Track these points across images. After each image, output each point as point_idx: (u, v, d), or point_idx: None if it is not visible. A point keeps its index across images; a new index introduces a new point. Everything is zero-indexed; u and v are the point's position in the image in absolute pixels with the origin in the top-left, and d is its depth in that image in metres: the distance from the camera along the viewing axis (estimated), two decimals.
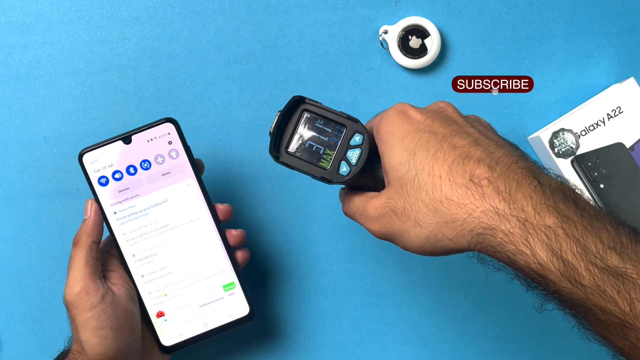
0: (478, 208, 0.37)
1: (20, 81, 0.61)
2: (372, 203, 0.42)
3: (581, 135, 0.57)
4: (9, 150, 0.61)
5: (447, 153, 0.39)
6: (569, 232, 0.35)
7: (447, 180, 0.38)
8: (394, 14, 0.62)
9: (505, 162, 0.38)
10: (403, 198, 0.40)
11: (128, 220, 0.53)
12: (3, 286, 0.60)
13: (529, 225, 0.36)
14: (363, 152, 0.44)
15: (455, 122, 0.42)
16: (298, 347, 0.61)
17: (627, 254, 0.35)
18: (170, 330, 0.53)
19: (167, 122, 0.52)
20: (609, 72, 0.62)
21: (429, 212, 0.38)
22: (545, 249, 0.35)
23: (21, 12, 0.61)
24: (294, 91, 0.62)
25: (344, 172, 0.44)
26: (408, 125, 0.41)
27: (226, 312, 0.54)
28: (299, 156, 0.45)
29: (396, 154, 0.41)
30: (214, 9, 0.62)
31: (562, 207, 0.36)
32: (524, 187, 0.37)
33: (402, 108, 0.43)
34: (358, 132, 0.44)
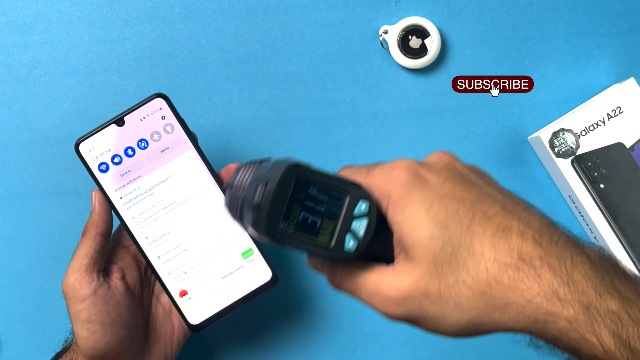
0: (538, 293, 0.33)
1: (20, 81, 0.61)
2: (392, 282, 0.36)
3: (581, 135, 0.57)
4: (9, 150, 0.61)
5: (482, 224, 0.35)
6: (633, 315, 0.33)
7: (493, 259, 0.34)
8: (394, 14, 0.62)
9: (547, 234, 0.35)
10: (438, 279, 0.35)
11: (135, 203, 0.52)
12: (3, 286, 0.61)
13: (594, 310, 0.33)
14: (371, 222, 0.37)
15: (473, 183, 0.38)
16: (298, 347, 0.61)
17: None
18: (196, 308, 0.53)
19: (157, 97, 0.52)
20: (609, 72, 0.62)
21: (473, 295, 0.34)
22: (612, 336, 0.33)
23: (21, 12, 0.61)
24: (294, 91, 0.61)
25: (351, 248, 0.37)
26: (428, 191, 0.36)
27: (249, 280, 0.53)
28: (294, 232, 0.37)
29: (423, 226, 0.35)
30: (214, 9, 0.62)
31: (620, 287, 0.34)
32: (579, 264, 0.34)
33: (413, 168, 0.37)
34: (363, 199, 0.37)
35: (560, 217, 0.61)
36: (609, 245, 0.57)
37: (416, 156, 0.61)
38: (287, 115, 0.61)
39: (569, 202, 0.61)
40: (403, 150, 0.62)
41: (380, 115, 0.62)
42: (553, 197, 0.61)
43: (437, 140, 0.61)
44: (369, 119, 0.61)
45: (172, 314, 0.54)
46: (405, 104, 0.62)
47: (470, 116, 0.62)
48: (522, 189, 0.61)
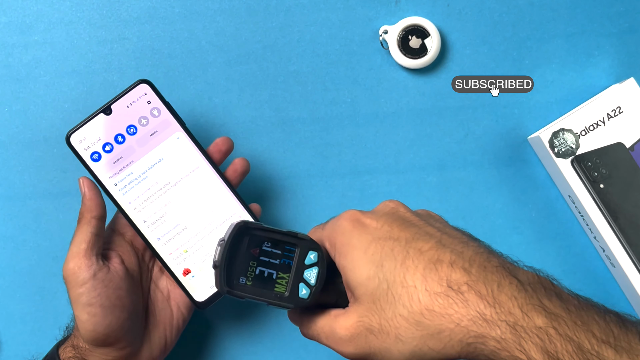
0: (464, 317, 0.35)
1: (20, 81, 0.61)
2: (341, 323, 0.39)
3: (581, 135, 0.57)
4: (9, 150, 0.61)
5: (415, 260, 0.37)
6: (561, 331, 0.34)
7: (424, 290, 0.36)
8: (394, 14, 0.62)
9: (477, 261, 0.37)
10: (378, 314, 0.37)
11: (130, 188, 0.53)
12: (3, 286, 0.61)
13: (520, 328, 0.34)
14: (321, 270, 0.41)
15: (412, 224, 0.40)
16: (298, 347, 0.61)
17: (622, 346, 0.34)
18: (201, 285, 0.53)
19: (141, 83, 0.53)
20: (609, 72, 0.62)
21: (410, 326, 0.36)
22: (541, 352, 0.34)
23: (21, 12, 0.61)
24: (294, 91, 0.61)
25: (305, 295, 0.41)
26: (367, 235, 0.39)
27: None
28: (251, 285, 0.41)
29: (362, 268, 0.38)
30: (214, 9, 0.62)
31: (548, 304, 0.35)
32: (505, 287, 0.35)
33: (354, 217, 0.41)
34: (312, 250, 0.42)
35: (560, 217, 0.62)
36: (609, 245, 0.57)
37: (416, 156, 0.62)
38: (287, 115, 0.61)
39: (569, 202, 0.61)
40: (403, 150, 0.62)
41: (380, 115, 0.62)
42: (553, 197, 0.61)
43: (437, 140, 0.62)
44: (369, 119, 0.61)
45: (170, 299, 0.54)
46: (405, 104, 0.62)
47: (470, 116, 0.62)
48: (522, 189, 0.62)
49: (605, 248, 0.58)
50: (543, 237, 0.61)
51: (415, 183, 0.62)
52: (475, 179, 0.62)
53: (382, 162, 0.61)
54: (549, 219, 0.61)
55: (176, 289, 0.55)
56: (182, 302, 0.54)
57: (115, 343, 0.49)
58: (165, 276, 0.55)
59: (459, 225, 0.43)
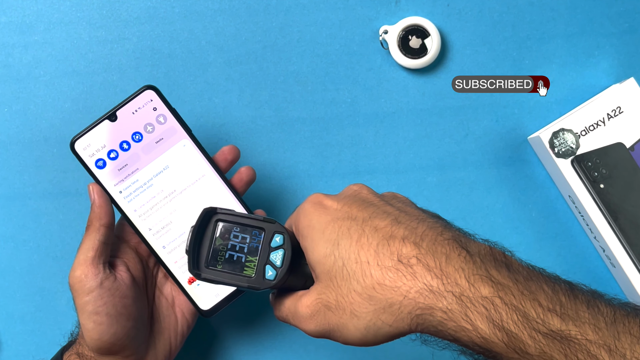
0: (412, 289, 0.36)
1: (20, 81, 0.61)
2: (303, 301, 0.41)
3: (581, 135, 0.57)
4: (9, 150, 0.61)
5: (370, 237, 0.38)
6: (507, 300, 0.34)
7: (376, 265, 0.37)
8: (394, 14, 0.62)
9: (430, 235, 0.37)
10: (334, 291, 0.38)
11: (135, 196, 0.53)
12: (3, 286, 0.61)
13: (466, 299, 0.35)
14: (286, 252, 0.42)
15: (372, 204, 0.41)
16: (298, 347, 0.61)
17: (568, 314, 0.34)
18: (206, 294, 0.53)
19: (147, 89, 0.52)
20: (609, 72, 0.62)
21: (363, 301, 0.37)
22: (486, 321, 0.34)
23: (21, 12, 0.61)
24: (294, 91, 0.61)
25: (271, 277, 0.42)
26: (326, 216, 0.40)
27: None
28: (221, 269, 0.43)
29: (319, 247, 0.39)
30: (214, 9, 0.62)
31: (495, 275, 0.35)
32: (454, 259, 0.36)
33: (316, 199, 0.42)
34: (277, 233, 0.43)
35: (560, 217, 0.62)
36: (609, 245, 0.57)
37: (416, 156, 0.62)
38: (287, 115, 0.61)
39: (569, 202, 0.61)
40: (403, 150, 0.62)
41: (380, 115, 0.62)
42: (553, 197, 0.61)
43: (437, 140, 0.62)
44: (369, 119, 0.61)
45: (175, 305, 0.54)
46: (405, 104, 0.62)
47: (470, 116, 0.62)
48: (522, 189, 0.62)
49: (605, 248, 0.58)
50: (543, 237, 0.61)
51: (415, 183, 0.62)
52: (475, 179, 0.62)
53: (382, 162, 0.61)
54: (549, 219, 0.61)
55: (181, 295, 0.55)
56: (187, 308, 0.54)
57: (120, 351, 0.49)
58: (169, 282, 0.55)
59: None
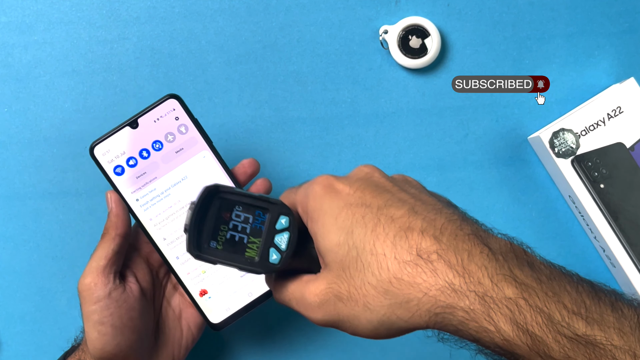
0: (433, 286, 0.34)
1: (20, 81, 0.61)
2: (311, 289, 0.39)
3: (581, 135, 0.57)
4: (9, 150, 0.61)
5: (386, 227, 0.36)
6: (531, 302, 0.33)
7: (393, 258, 0.35)
8: (394, 14, 0.62)
9: (450, 229, 0.36)
10: (347, 282, 0.37)
11: (152, 205, 0.52)
12: (3, 286, 0.60)
13: (489, 299, 0.34)
14: (292, 235, 0.40)
15: (386, 190, 0.39)
16: (298, 347, 0.61)
17: (593, 318, 0.33)
18: (217, 307, 0.53)
19: (170, 98, 0.52)
20: (609, 72, 0.62)
21: (378, 295, 0.36)
22: (510, 323, 0.33)
23: (21, 12, 0.61)
24: (294, 91, 0.61)
25: (275, 260, 0.40)
26: (338, 201, 0.38)
27: None
28: (222, 250, 0.40)
29: (332, 234, 0.37)
30: (214, 9, 0.62)
31: (519, 274, 0.34)
32: (476, 256, 0.35)
33: (327, 182, 0.40)
34: (283, 214, 0.40)
35: (560, 217, 0.62)
36: (609, 245, 0.57)
37: (416, 156, 0.62)
38: (287, 115, 0.61)
39: (569, 202, 0.61)
40: (403, 150, 0.62)
41: (380, 115, 0.62)
42: (553, 197, 0.61)
43: (437, 140, 0.62)
44: (369, 119, 0.61)
45: (181, 318, 0.54)
46: (405, 104, 0.62)
47: (470, 116, 0.62)
48: (522, 189, 0.62)
49: (606, 248, 0.58)
50: (543, 237, 0.61)
51: None
52: (475, 179, 0.62)
53: (382, 162, 0.61)
54: (549, 219, 0.61)
55: (188, 307, 0.54)
56: (193, 321, 0.54)
57: None
58: (178, 294, 0.55)
59: None
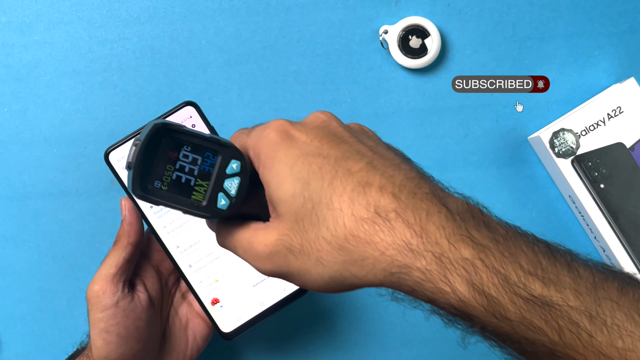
0: (390, 245, 0.33)
1: (20, 81, 0.61)
2: (260, 239, 0.37)
3: (581, 135, 0.57)
4: (9, 150, 0.61)
5: (344, 180, 0.35)
6: (488, 263, 0.33)
7: (350, 214, 0.34)
8: (394, 14, 0.62)
9: (408, 187, 0.35)
10: (300, 235, 0.35)
11: (166, 212, 0.52)
12: (3, 286, 0.60)
13: (446, 260, 0.33)
14: (243, 181, 0.38)
15: (344, 141, 0.38)
16: (298, 347, 0.61)
17: (550, 278, 0.33)
18: (228, 316, 0.53)
19: (187, 105, 0.52)
20: (609, 72, 0.62)
21: (332, 250, 0.34)
22: (466, 284, 0.33)
23: (21, 12, 0.61)
24: (294, 91, 0.61)
25: (223, 206, 0.38)
26: (294, 150, 0.36)
27: (280, 287, 0.53)
28: (167, 191, 0.38)
29: (286, 184, 0.36)
30: (214, 9, 0.62)
31: (476, 235, 0.34)
32: (434, 216, 0.34)
33: (282, 127, 0.38)
34: (234, 159, 0.38)
35: (560, 217, 0.62)
36: (609, 245, 0.57)
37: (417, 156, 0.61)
38: (287, 115, 0.61)
39: (569, 202, 0.61)
40: (403, 150, 0.61)
41: (380, 115, 0.62)
42: (553, 197, 0.61)
43: (437, 140, 0.61)
44: (369, 119, 0.61)
45: (188, 328, 0.54)
46: (405, 104, 0.62)
47: (470, 116, 0.62)
48: (522, 189, 0.62)
49: (606, 248, 0.58)
50: (543, 237, 0.61)
51: None
52: (475, 179, 0.62)
53: None
54: (549, 219, 0.61)
55: (195, 318, 0.54)
56: (199, 332, 0.54)
57: None
58: (186, 303, 0.55)
59: None
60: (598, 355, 0.32)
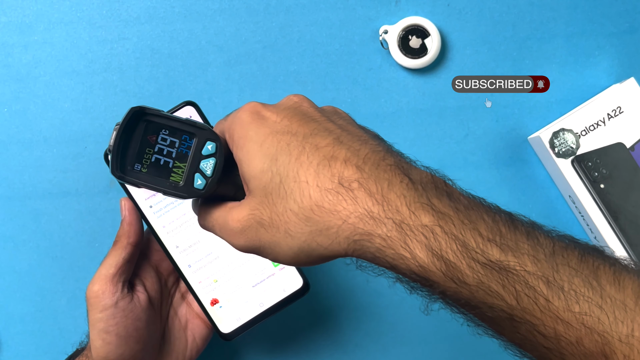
0: (352, 214, 0.34)
1: (20, 81, 0.61)
2: (234, 215, 0.39)
3: (581, 135, 0.57)
4: (9, 150, 0.61)
5: (311, 155, 0.36)
6: (447, 229, 0.34)
7: (315, 186, 0.35)
8: (394, 14, 0.62)
9: (372, 159, 0.36)
10: (269, 208, 0.37)
11: (165, 212, 0.52)
12: (3, 286, 0.60)
13: (406, 226, 0.34)
14: (218, 161, 0.40)
15: (313, 119, 0.39)
16: (298, 347, 0.61)
17: (508, 245, 0.34)
18: (228, 316, 0.53)
19: (187, 105, 0.52)
20: (609, 72, 0.62)
21: (299, 222, 0.36)
22: (425, 250, 0.34)
23: (21, 12, 0.61)
24: (293, 91, 0.61)
25: (200, 186, 0.40)
26: (264, 128, 0.38)
27: (280, 287, 0.53)
28: (146, 173, 0.40)
29: (256, 160, 0.37)
30: (214, 9, 0.62)
31: (437, 203, 0.35)
32: (396, 185, 0.35)
33: (254, 109, 0.40)
34: (210, 140, 0.40)
35: (560, 217, 0.62)
36: (609, 245, 0.57)
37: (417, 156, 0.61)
38: None
39: (569, 202, 0.61)
40: (403, 150, 0.61)
41: (380, 115, 0.62)
42: (553, 197, 0.61)
43: (437, 140, 0.62)
44: (369, 119, 0.61)
45: (187, 328, 0.54)
46: (405, 104, 0.62)
47: (470, 116, 0.62)
48: (522, 189, 0.62)
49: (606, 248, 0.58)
50: None
51: None
52: (475, 179, 0.62)
53: None
54: (549, 219, 0.61)
55: (194, 318, 0.54)
56: (199, 332, 0.54)
57: None
58: (185, 304, 0.55)
59: None
60: (555, 320, 0.33)
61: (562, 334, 0.33)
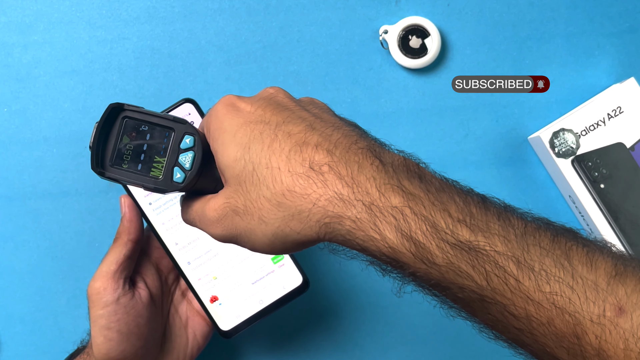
0: (322, 196, 0.34)
1: (20, 81, 0.61)
2: (210, 205, 0.39)
3: (581, 135, 0.57)
4: (9, 150, 0.61)
5: (283, 142, 0.36)
6: (416, 210, 0.34)
7: (287, 171, 0.35)
8: (394, 14, 0.62)
9: (344, 143, 0.36)
10: (243, 196, 0.37)
11: (165, 209, 0.52)
12: (3, 286, 0.61)
13: (375, 208, 0.34)
14: (196, 154, 0.40)
15: (287, 108, 0.39)
16: (298, 345, 0.61)
17: (478, 225, 0.34)
18: (227, 314, 0.53)
19: (186, 102, 0.52)
20: (609, 72, 0.62)
21: (272, 208, 0.36)
22: (395, 231, 0.33)
23: (21, 12, 0.61)
24: (293, 91, 0.61)
25: (179, 179, 0.40)
26: (238, 119, 0.38)
27: (280, 284, 0.53)
28: (127, 168, 0.40)
29: (229, 150, 0.38)
30: (214, 9, 0.62)
31: (407, 185, 0.35)
32: (366, 168, 0.35)
33: (229, 101, 0.40)
34: (188, 134, 0.40)
35: (560, 217, 0.61)
36: None
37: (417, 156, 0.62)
38: None
39: (569, 202, 0.61)
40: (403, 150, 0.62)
41: (380, 115, 0.62)
42: (553, 197, 0.61)
43: (437, 140, 0.62)
44: (369, 119, 0.61)
45: (188, 326, 0.54)
46: (405, 104, 0.62)
47: (470, 116, 0.62)
48: (522, 189, 0.62)
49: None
50: None
51: None
52: (475, 179, 0.61)
53: None
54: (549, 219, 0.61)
55: (195, 316, 0.54)
56: (199, 330, 0.54)
57: None
58: (185, 301, 0.55)
59: None
60: (526, 300, 0.33)
61: (533, 314, 0.33)
